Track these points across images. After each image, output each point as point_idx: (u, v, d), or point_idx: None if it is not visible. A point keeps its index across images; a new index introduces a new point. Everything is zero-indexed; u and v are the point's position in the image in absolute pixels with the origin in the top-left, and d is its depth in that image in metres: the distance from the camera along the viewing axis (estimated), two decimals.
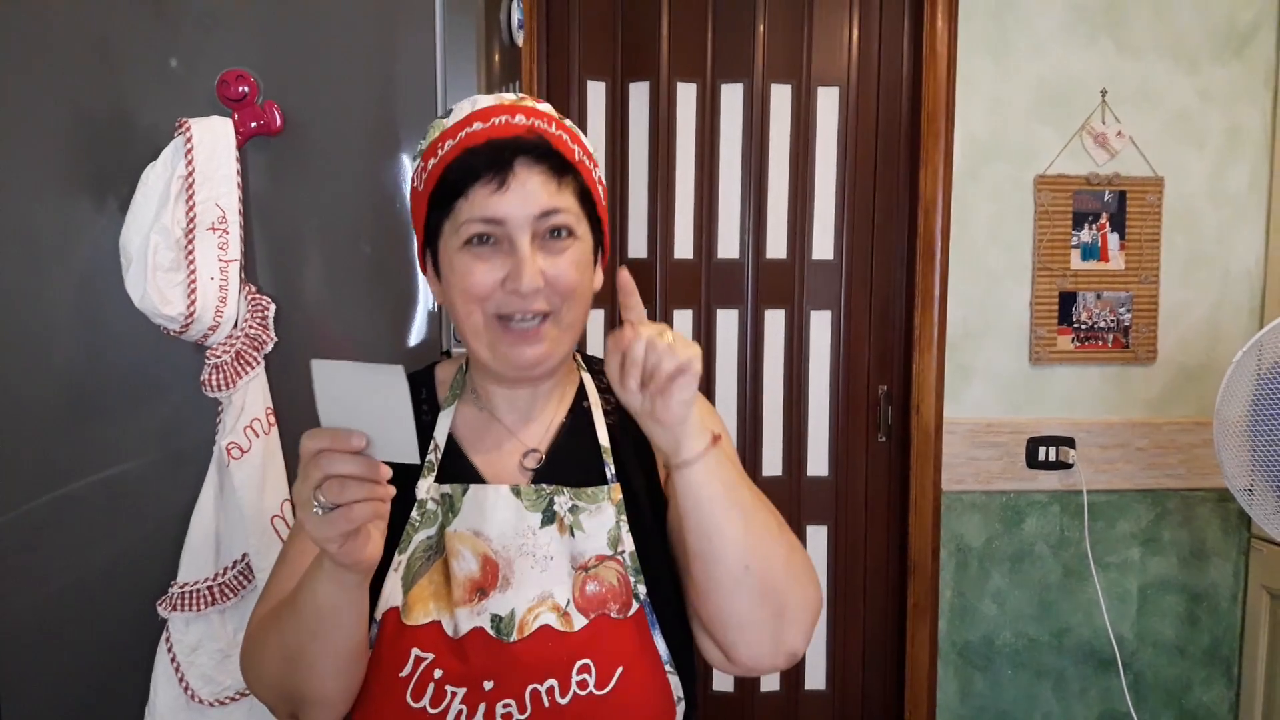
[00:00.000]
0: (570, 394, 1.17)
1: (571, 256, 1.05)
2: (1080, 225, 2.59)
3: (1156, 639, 2.69)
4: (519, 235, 1.02)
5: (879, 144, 2.62)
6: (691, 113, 2.60)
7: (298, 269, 1.44)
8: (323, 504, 0.87)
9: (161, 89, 1.40)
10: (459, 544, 1.05)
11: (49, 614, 1.44)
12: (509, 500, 1.07)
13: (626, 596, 1.06)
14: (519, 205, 1.02)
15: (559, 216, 1.04)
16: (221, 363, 1.35)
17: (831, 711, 2.74)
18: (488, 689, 1.01)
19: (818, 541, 2.70)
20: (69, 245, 1.42)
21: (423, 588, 1.05)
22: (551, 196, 1.04)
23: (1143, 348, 2.62)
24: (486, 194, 1.02)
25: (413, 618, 1.03)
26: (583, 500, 1.08)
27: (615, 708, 1.02)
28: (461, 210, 1.03)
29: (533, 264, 1.02)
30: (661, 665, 1.05)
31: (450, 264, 1.06)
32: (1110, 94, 2.57)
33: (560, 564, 1.05)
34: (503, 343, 1.06)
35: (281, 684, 1.04)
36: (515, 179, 1.02)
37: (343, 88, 1.42)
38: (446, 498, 1.08)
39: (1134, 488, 2.64)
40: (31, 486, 1.42)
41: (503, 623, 1.03)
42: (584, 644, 1.03)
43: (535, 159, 1.03)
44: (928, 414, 2.57)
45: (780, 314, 2.65)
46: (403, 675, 1.01)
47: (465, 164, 1.03)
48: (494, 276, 1.03)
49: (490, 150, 1.02)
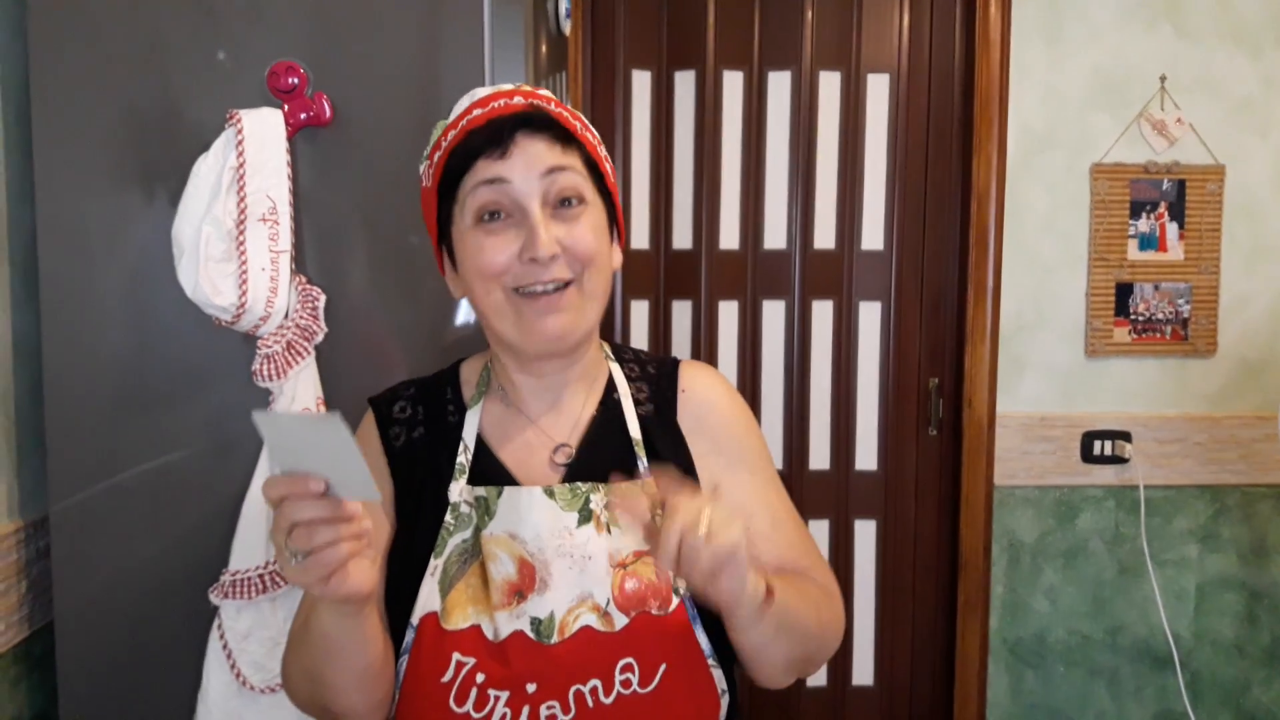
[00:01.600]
0: (600, 386, 1.15)
1: (587, 222, 1.05)
2: (1138, 215, 2.53)
3: (1215, 638, 2.63)
4: (528, 201, 1.02)
5: (930, 132, 2.58)
6: (738, 101, 2.58)
7: (345, 260, 1.44)
8: (294, 551, 0.85)
9: (209, 82, 1.41)
10: (495, 547, 1.04)
11: (104, 600, 1.45)
12: (543, 502, 1.05)
13: (666, 592, 1.04)
14: (523, 166, 1.02)
15: (566, 176, 1.03)
16: (273, 353, 1.35)
17: (879, 707, 2.71)
18: (531, 691, 1.00)
19: (865, 536, 2.67)
20: (119, 238, 1.43)
21: (460, 592, 1.04)
22: (556, 156, 1.03)
23: (1202, 340, 2.56)
24: (489, 163, 1.02)
25: (452, 622, 1.02)
26: (617, 496, 1.07)
27: (660, 705, 1.01)
28: (466, 183, 1.03)
29: (546, 229, 1.01)
30: (704, 660, 1.04)
31: (464, 246, 1.05)
32: (1170, 80, 2.50)
33: (599, 563, 1.04)
34: (526, 315, 1.04)
35: (310, 699, 1.05)
36: (517, 147, 1.02)
37: (391, 79, 1.41)
38: (481, 500, 1.07)
39: (1192, 483, 2.58)
40: (85, 475, 1.44)
41: (542, 625, 1.02)
42: (625, 643, 1.02)
43: (536, 129, 1.03)
44: (980, 407, 2.53)
45: (828, 305, 2.62)
46: (445, 680, 1.01)
47: (467, 144, 1.03)
48: (508, 250, 1.02)
49: (490, 127, 1.03)
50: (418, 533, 1.08)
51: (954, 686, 2.63)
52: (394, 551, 1.09)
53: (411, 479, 1.10)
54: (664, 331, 2.60)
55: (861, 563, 2.67)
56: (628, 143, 2.56)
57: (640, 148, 2.57)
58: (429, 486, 1.09)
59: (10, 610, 1.48)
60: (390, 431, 1.13)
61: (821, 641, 1.11)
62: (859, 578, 2.67)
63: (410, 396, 1.15)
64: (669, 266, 2.58)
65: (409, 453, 1.11)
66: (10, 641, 1.48)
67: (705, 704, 1.04)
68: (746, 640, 0.99)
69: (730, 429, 1.16)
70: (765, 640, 0.99)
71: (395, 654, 1.04)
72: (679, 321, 2.60)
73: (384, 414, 1.14)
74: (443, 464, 1.10)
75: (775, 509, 1.15)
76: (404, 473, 1.11)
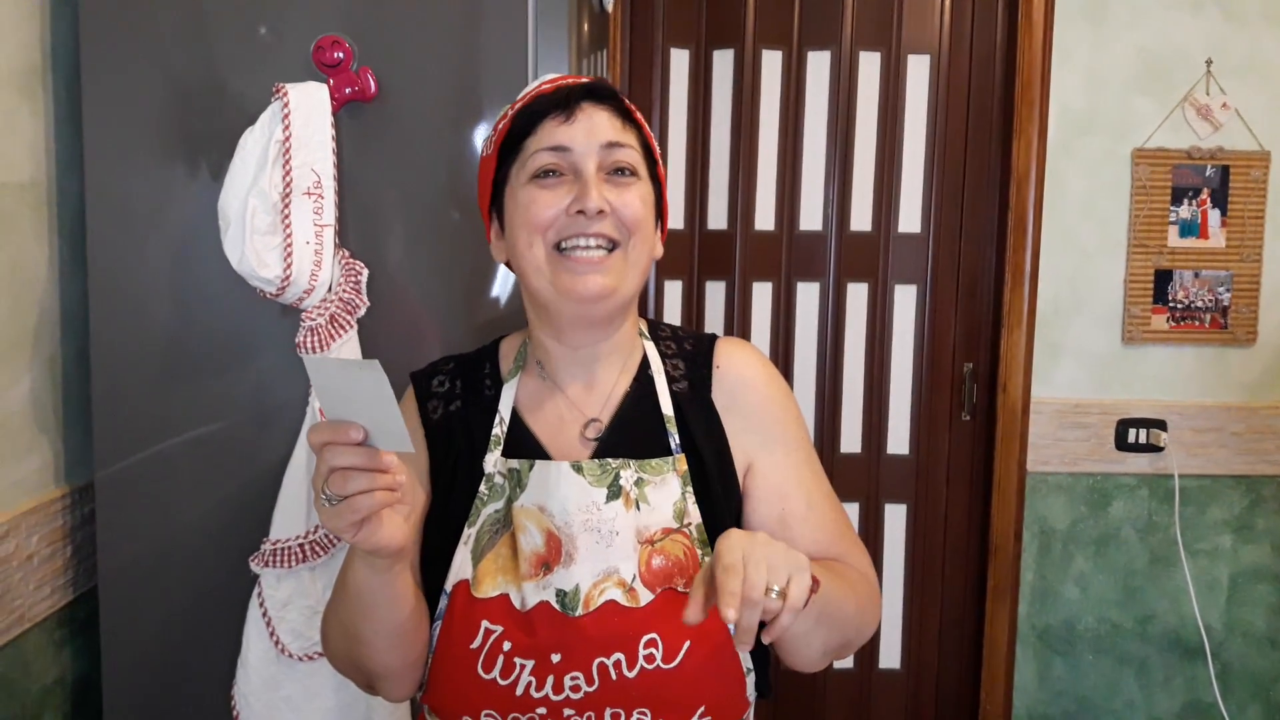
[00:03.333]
0: (634, 363, 1.15)
1: (637, 192, 1.07)
2: (1179, 201, 2.50)
3: (1247, 629, 2.60)
4: (585, 162, 1.05)
5: (970, 115, 2.56)
6: (776, 81, 2.56)
7: (387, 235, 1.45)
8: (329, 496, 0.88)
9: (255, 56, 1.42)
10: (525, 519, 1.06)
11: (147, 566, 1.48)
12: (571, 477, 1.06)
13: (693, 570, 1.05)
14: (584, 134, 1.06)
15: (624, 152, 1.07)
16: (316, 325, 1.36)
17: (905, 691, 2.71)
18: (555, 661, 1.01)
19: (895, 520, 2.67)
20: (166, 209, 1.45)
21: (491, 561, 1.06)
22: (618, 132, 1.07)
23: (1242, 329, 2.53)
24: (554, 125, 1.06)
25: (482, 590, 1.04)
26: (647, 472, 1.08)
27: (684, 681, 1.02)
28: (529, 145, 1.07)
29: (598, 186, 1.04)
30: (730, 638, 1.03)
31: (515, 201, 1.08)
32: (1215, 64, 2.46)
33: (626, 539, 1.05)
34: (566, 274, 1.05)
35: (347, 657, 1.08)
36: (582, 112, 1.06)
37: (435, 55, 1.42)
38: (514, 472, 1.08)
39: (1228, 473, 2.55)
40: (130, 443, 1.46)
41: (567, 597, 1.03)
42: (650, 618, 1.02)
43: (601, 99, 1.07)
44: (1015, 393, 2.51)
45: (863, 288, 2.60)
46: (473, 647, 1.03)
47: (534, 107, 1.07)
48: (559, 204, 1.05)
49: (558, 92, 1.07)
50: (453, 502, 1.10)
51: (981, 672, 2.63)
52: (430, 520, 1.11)
53: (448, 450, 1.12)
54: (698, 312, 2.60)
55: (891, 547, 2.67)
56: (665, 122, 2.55)
57: (677, 127, 2.56)
58: (464, 457, 1.11)
59: (55, 575, 1.51)
60: (428, 405, 1.15)
61: (859, 628, 1.11)
62: (889, 562, 2.67)
63: (449, 371, 1.18)
64: (703, 247, 2.58)
65: (446, 425, 1.14)
66: (55, 605, 1.51)
67: (729, 682, 1.05)
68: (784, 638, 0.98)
69: (765, 406, 1.16)
70: (805, 630, 0.99)
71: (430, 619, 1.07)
72: (712, 302, 2.60)
73: (423, 388, 1.17)
74: (478, 436, 1.12)
75: (811, 490, 1.15)
76: (441, 444, 1.13)
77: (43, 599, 1.48)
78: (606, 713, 1.02)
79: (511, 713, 1.02)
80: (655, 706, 1.02)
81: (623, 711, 1.02)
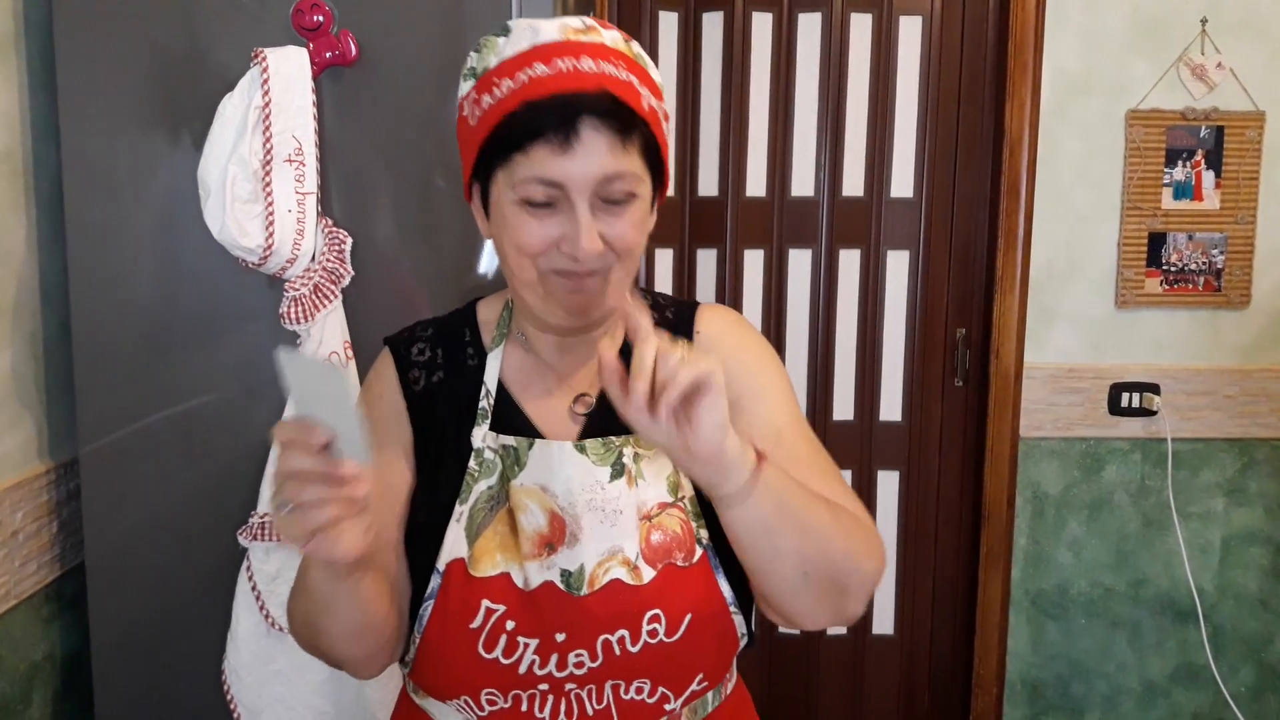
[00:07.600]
0: (621, 335, 1.11)
1: (630, 218, 1.00)
2: (1173, 163, 2.48)
3: (1238, 592, 2.61)
4: (578, 199, 0.97)
5: (963, 77, 2.53)
6: (767, 43, 2.53)
7: (371, 202, 1.42)
8: (283, 501, 0.83)
9: (233, 20, 1.39)
10: (526, 498, 1.04)
11: (134, 541, 1.47)
12: (575, 456, 1.04)
13: (690, 543, 1.04)
14: (581, 168, 0.96)
15: (621, 183, 0.98)
16: (300, 295, 1.34)
17: (899, 657, 2.72)
18: (560, 640, 1.00)
19: (888, 487, 2.66)
20: (145, 178, 1.42)
21: (488, 539, 1.03)
22: (617, 160, 0.97)
23: (1235, 291, 2.51)
24: (548, 153, 0.96)
25: (480, 569, 1.02)
26: (642, 447, 1.06)
27: (685, 653, 1.02)
28: (520, 166, 0.97)
29: (591, 231, 0.97)
30: (727, 607, 1.04)
31: (502, 214, 1.01)
32: (1211, 23, 2.43)
33: (629, 517, 1.03)
34: (556, 291, 1.01)
35: (310, 644, 1.05)
36: (580, 141, 0.96)
37: (416, 17, 1.39)
38: (510, 450, 1.06)
39: (1221, 436, 2.55)
40: (114, 418, 1.45)
41: (572, 577, 1.01)
42: (653, 595, 1.01)
43: (602, 118, 0.96)
44: (1008, 358, 2.50)
45: (855, 254, 2.58)
46: (473, 627, 1.01)
47: (527, 119, 0.96)
48: (549, 236, 0.98)
49: (554, 106, 0.96)
50: (441, 478, 1.07)
51: (975, 637, 2.63)
52: (416, 497, 1.08)
53: (432, 423, 1.09)
54: (689, 280, 2.58)
55: (884, 513, 2.67)
56: None
57: (666, 92, 2.52)
58: (450, 432, 1.08)
59: (42, 551, 1.50)
60: (409, 375, 1.11)
61: (847, 554, 1.00)
62: (882, 528, 2.64)
63: (429, 338, 1.13)
64: (694, 214, 2.55)
65: (429, 396, 1.10)
66: (42, 581, 1.50)
67: (726, 648, 1.06)
68: (744, 530, 0.92)
69: (740, 361, 1.09)
70: (765, 528, 0.92)
71: (418, 599, 1.04)
72: (704, 270, 2.58)
73: (402, 356, 1.12)
74: (463, 409, 1.09)
75: (782, 430, 1.08)
76: (424, 417, 1.09)
77: (29, 575, 1.47)
78: (607, 685, 1.01)
79: (513, 690, 1.01)
80: (656, 676, 1.02)
81: (623, 683, 1.02)
